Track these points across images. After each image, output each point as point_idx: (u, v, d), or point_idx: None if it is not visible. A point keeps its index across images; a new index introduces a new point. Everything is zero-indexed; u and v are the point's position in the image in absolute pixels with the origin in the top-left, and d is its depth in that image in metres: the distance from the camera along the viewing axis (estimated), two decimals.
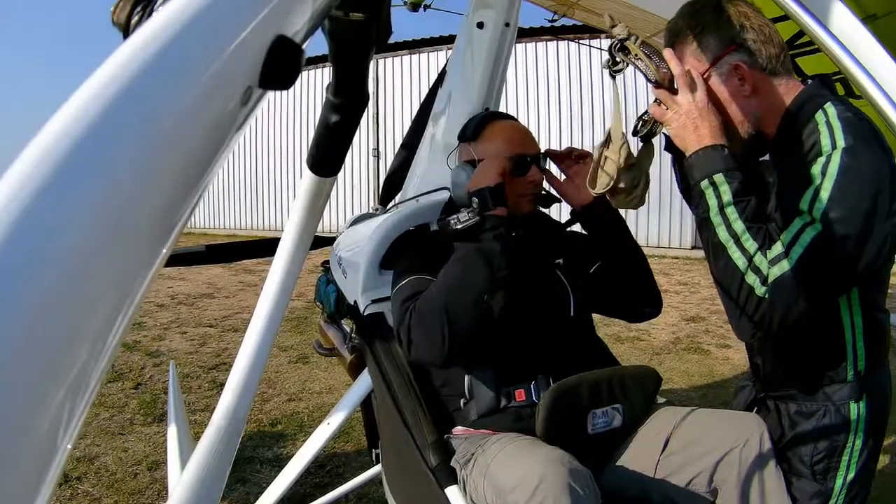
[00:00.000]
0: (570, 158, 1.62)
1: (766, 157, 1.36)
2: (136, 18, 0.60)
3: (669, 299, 6.70)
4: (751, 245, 1.14)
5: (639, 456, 1.38)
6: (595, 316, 1.67)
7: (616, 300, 1.62)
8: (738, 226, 1.16)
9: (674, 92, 1.24)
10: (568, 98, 10.90)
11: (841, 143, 1.12)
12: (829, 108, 1.19)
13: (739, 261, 1.15)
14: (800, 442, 1.31)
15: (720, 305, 1.30)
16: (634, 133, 1.36)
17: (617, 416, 1.37)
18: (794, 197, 1.15)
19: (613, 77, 1.33)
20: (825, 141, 1.15)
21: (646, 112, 1.33)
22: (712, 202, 1.19)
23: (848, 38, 0.83)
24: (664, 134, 1.35)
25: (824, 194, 1.10)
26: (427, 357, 1.35)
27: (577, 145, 1.68)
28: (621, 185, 1.36)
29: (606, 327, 5.20)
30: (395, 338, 1.41)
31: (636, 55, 1.27)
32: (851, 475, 1.29)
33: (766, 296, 1.12)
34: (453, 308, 1.30)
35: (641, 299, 1.63)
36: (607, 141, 1.37)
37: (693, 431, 1.34)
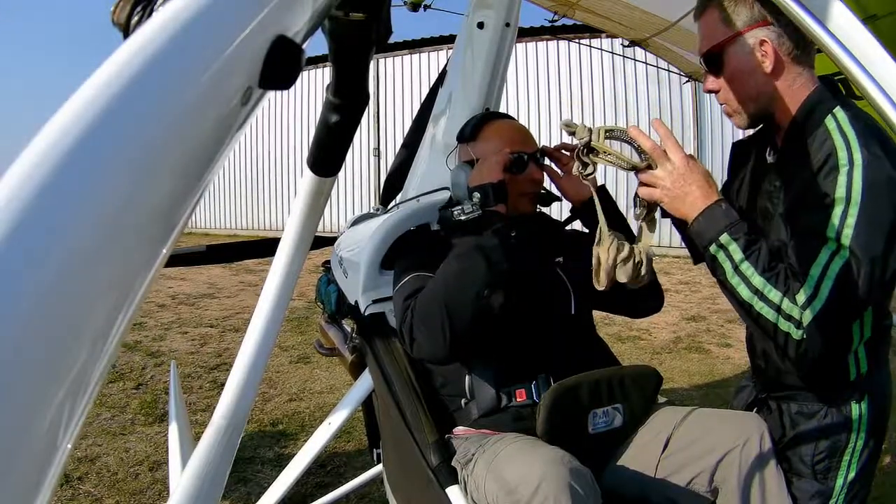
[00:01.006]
0: (565, 154, 1.61)
1: (772, 159, 1.35)
2: (136, 18, 0.60)
3: (670, 298, 6.70)
4: (775, 295, 1.14)
5: (639, 456, 1.38)
6: (595, 315, 1.67)
7: (618, 296, 1.61)
8: (757, 280, 1.15)
9: (654, 167, 1.24)
10: (568, 98, 10.90)
11: (858, 157, 1.12)
12: (839, 113, 1.18)
13: (769, 314, 1.14)
14: (801, 442, 1.31)
15: (721, 304, 1.31)
16: (637, 218, 1.36)
17: (617, 415, 1.37)
18: (812, 217, 1.15)
19: (586, 179, 1.34)
20: (841, 153, 1.13)
21: (636, 195, 1.33)
22: (726, 265, 1.18)
23: (848, 38, 0.83)
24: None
25: (851, 220, 1.10)
26: (429, 354, 1.35)
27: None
28: (623, 279, 1.35)
29: (607, 327, 5.20)
30: (398, 336, 1.41)
31: (605, 153, 1.26)
32: (852, 475, 1.29)
33: (804, 336, 1.12)
34: (452, 303, 1.30)
35: (643, 294, 1.62)
36: (599, 240, 1.36)
37: (694, 431, 1.34)
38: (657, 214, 1.35)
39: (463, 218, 1.41)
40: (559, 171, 1.63)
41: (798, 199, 1.22)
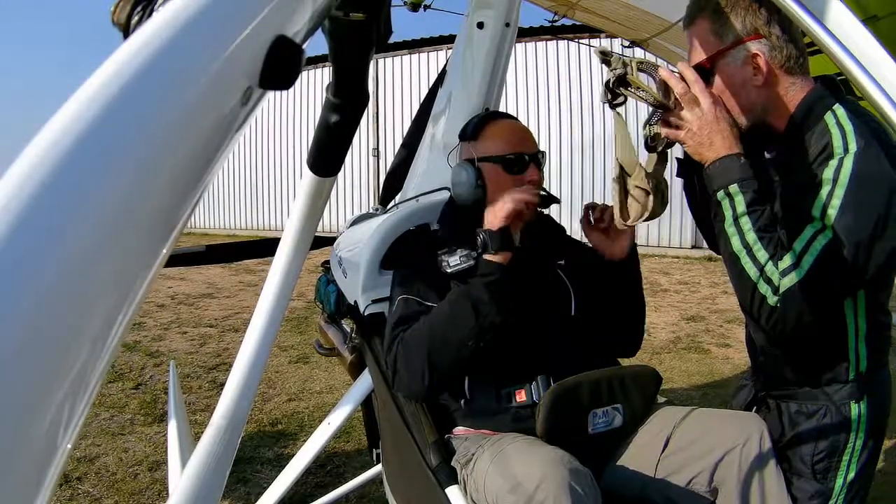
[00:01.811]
0: (607, 213, 1.53)
1: (771, 156, 1.35)
2: (136, 18, 0.60)
3: (670, 298, 6.70)
4: (762, 255, 1.15)
5: (639, 456, 1.38)
6: None
7: (600, 328, 1.61)
8: (751, 236, 1.16)
9: (680, 108, 1.23)
10: (568, 98, 10.89)
11: (853, 146, 1.12)
12: (838, 109, 1.19)
13: (751, 270, 1.16)
14: (800, 441, 1.31)
15: (720, 305, 1.31)
16: (650, 149, 1.34)
17: (617, 415, 1.37)
18: (803, 200, 1.15)
19: (614, 108, 1.31)
20: (837, 143, 1.14)
21: (648, 122, 1.32)
22: (727, 213, 1.19)
23: (848, 38, 0.83)
24: (677, 158, 1.33)
25: (836, 201, 1.11)
26: (407, 391, 1.40)
27: (575, 145, 1.66)
28: (652, 208, 1.34)
29: None
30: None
31: (638, 87, 1.25)
32: (852, 475, 1.29)
33: (778, 305, 1.13)
34: (435, 350, 1.32)
35: (624, 337, 1.63)
36: (623, 173, 1.34)
37: (693, 431, 1.34)
38: (670, 152, 1.35)
39: (450, 271, 1.39)
40: (591, 219, 1.55)
41: (793, 189, 1.22)
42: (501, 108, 1.97)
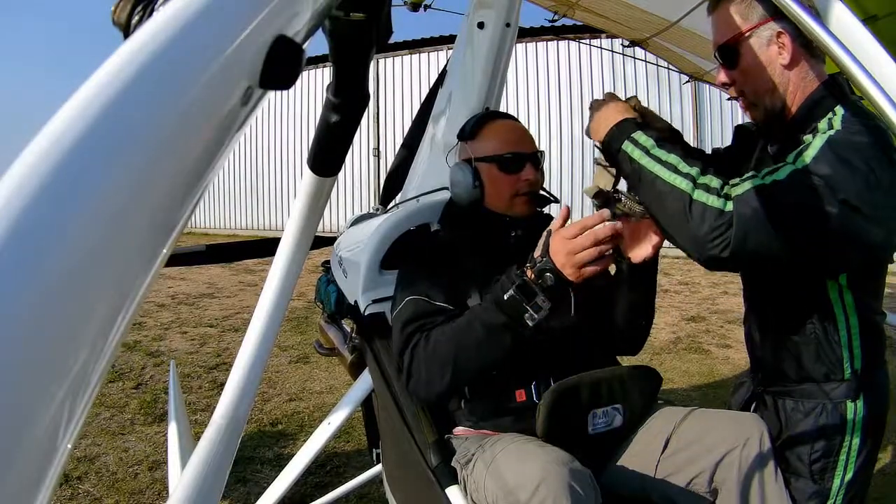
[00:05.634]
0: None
1: (771, 151, 1.35)
2: (136, 18, 0.60)
3: (670, 299, 6.71)
4: (690, 168, 1.13)
5: (639, 456, 1.38)
6: None
7: (601, 328, 1.58)
8: (672, 157, 1.15)
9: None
10: (568, 98, 10.90)
11: (838, 125, 1.13)
12: (839, 110, 1.19)
13: (682, 183, 1.12)
14: (797, 440, 1.31)
15: (721, 305, 1.31)
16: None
17: (617, 416, 1.37)
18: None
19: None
20: (822, 126, 1.16)
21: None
22: (636, 153, 1.19)
23: (848, 38, 0.83)
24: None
25: (812, 151, 1.10)
26: (422, 394, 1.37)
27: (575, 145, 1.67)
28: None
29: None
30: (396, 360, 1.42)
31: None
32: (849, 476, 1.29)
33: (726, 208, 1.07)
34: (460, 364, 1.31)
35: (630, 334, 1.58)
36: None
37: (693, 431, 1.34)
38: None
39: (536, 316, 1.23)
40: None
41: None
42: (501, 109, 1.97)
